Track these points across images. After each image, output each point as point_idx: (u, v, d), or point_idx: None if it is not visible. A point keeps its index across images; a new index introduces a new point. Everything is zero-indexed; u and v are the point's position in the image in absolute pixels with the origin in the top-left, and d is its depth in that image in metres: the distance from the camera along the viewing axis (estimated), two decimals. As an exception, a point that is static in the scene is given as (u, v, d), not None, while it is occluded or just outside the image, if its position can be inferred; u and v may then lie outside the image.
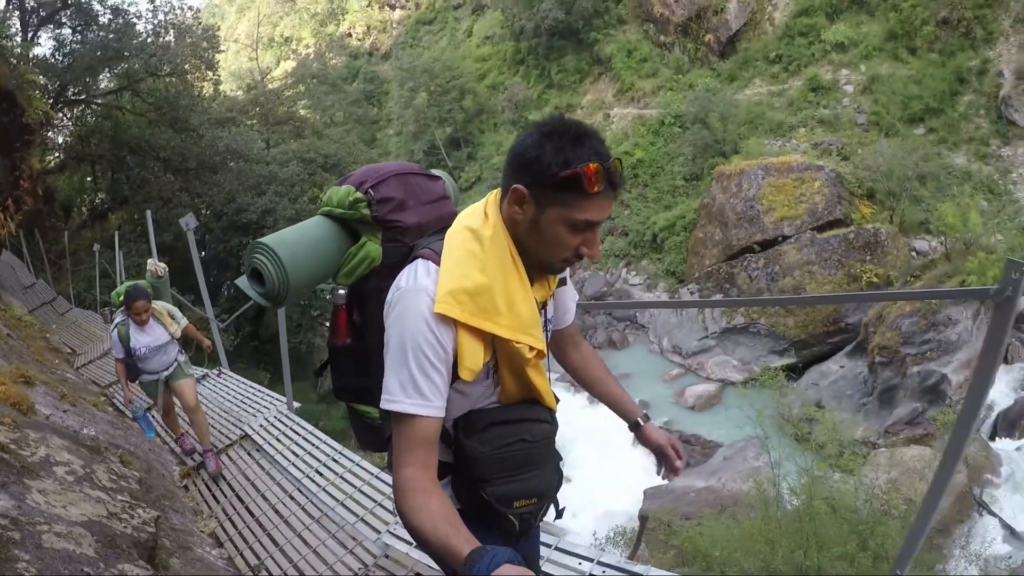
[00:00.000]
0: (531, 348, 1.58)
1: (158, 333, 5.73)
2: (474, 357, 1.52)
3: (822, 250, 19.17)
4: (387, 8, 55.75)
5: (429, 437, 1.51)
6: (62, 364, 7.91)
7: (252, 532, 4.67)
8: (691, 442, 16.35)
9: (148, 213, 11.42)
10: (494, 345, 1.57)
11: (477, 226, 1.60)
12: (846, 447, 12.29)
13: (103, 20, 20.94)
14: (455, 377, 1.53)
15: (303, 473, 5.17)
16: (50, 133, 21.76)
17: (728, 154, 24.97)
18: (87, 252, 19.55)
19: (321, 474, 5.09)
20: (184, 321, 6.03)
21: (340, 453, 5.32)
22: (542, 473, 1.71)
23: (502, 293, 1.54)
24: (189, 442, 6.24)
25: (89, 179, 25.46)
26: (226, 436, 6.25)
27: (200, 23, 24.59)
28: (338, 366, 1.94)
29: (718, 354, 20.16)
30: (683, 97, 28.83)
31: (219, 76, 26.59)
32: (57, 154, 23.59)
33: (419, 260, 1.60)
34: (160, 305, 5.90)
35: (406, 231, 1.87)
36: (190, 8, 24.22)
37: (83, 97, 22.07)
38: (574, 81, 36.62)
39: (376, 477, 4.79)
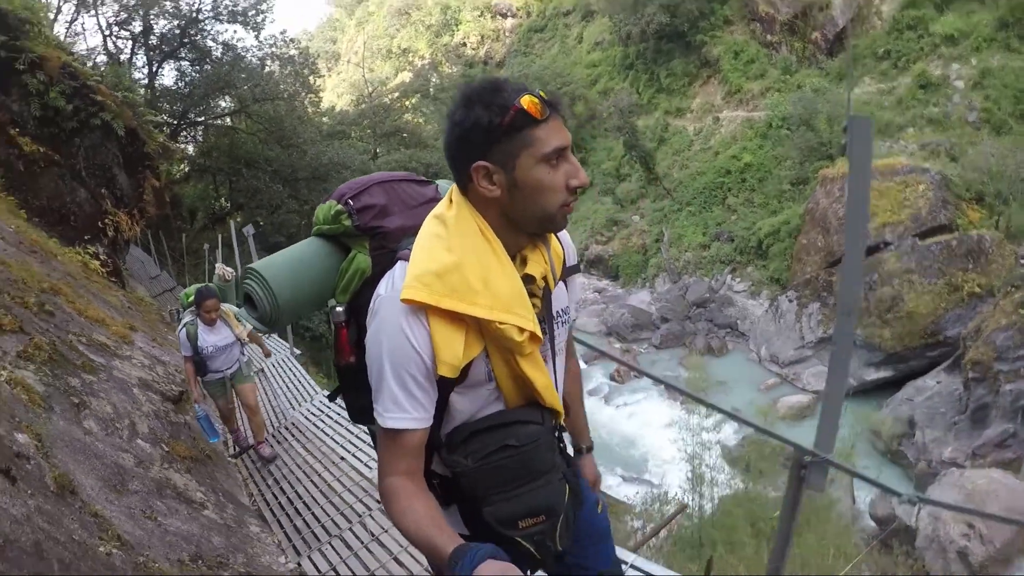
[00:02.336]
0: (520, 330, 1.49)
1: (225, 333, 6.11)
2: (451, 349, 1.45)
3: (923, 258, 18.47)
4: (499, 17, 56.68)
5: (413, 447, 1.50)
6: (168, 331, 9.33)
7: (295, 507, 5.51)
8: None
9: (232, 224, 12.89)
10: (484, 337, 1.50)
11: (440, 212, 1.58)
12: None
13: (216, 54, 24.74)
14: (449, 381, 1.49)
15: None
16: (182, 144, 26.26)
17: (835, 157, 24.22)
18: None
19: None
20: (250, 325, 6.28)
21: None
22: (545, 484, 1.56)
23: (474, 270, 1.47)
24: (244, 437, 6.86)
25: (211, 188, 28.88)
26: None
27: (300, 52, 27.78)
28: (348, 387, 1.88)
29: (815, 364, 19.80)
30: (790, 99, 28.17)
31: (320, 97, 29.96)
32: (184, 166, 27.28)
33: (398, 262, 1.58)
34: (227, 307, 6.21)
35: (389, 235, 1.86)
36: (292, 40, 27.41)
37: (202, 119, 26.00)
38: (683, 85, 36.25)
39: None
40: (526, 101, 1.41)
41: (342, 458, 6.39)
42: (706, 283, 27.39)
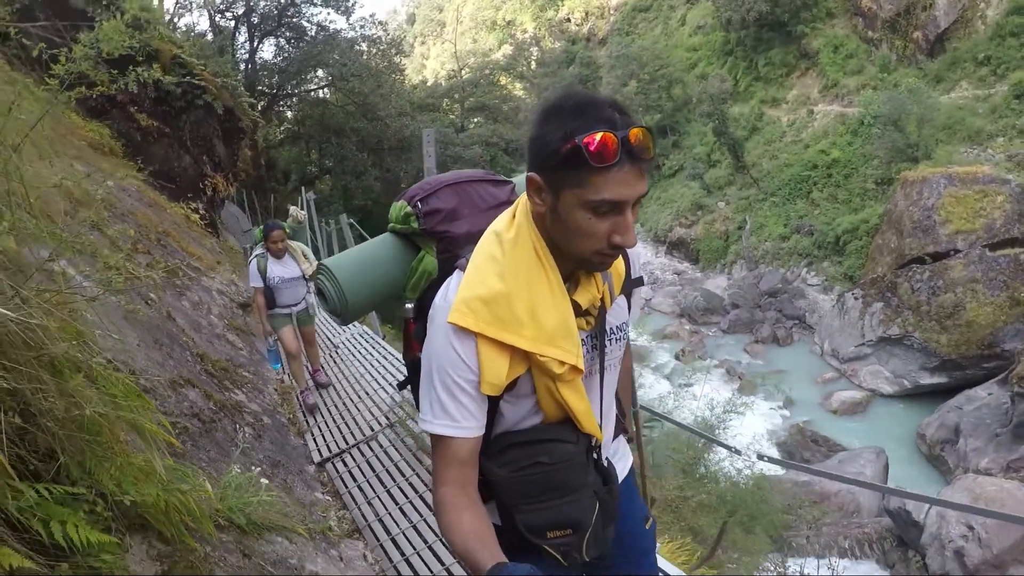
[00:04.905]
0: (561, 363, 1.46)
1: (292, 267, 6.36)
2: (495, 371, 1.44)
3: (989, 268, 18.61)
4: (605, -6, 57.01)
5: (464, 456, 1.48)
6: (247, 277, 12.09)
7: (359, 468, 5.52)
8: (818, 443, 17.04)
9: (303, 189, 14.89)
10: (528, 359, 1.47)
11: (501, 229, 1.53)
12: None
13: (311, 33, 27.36)
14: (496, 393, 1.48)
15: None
16: (280, 110, 30.29)
17: (920, 159, 24.18)
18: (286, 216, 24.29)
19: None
20: (316, 262, 6.46)
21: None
22: (574, 500, 1.54)
23: (523, 300, 1.44)
24: (312, 398, 6.84)
25: (304, 153, 31.57)
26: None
27: (388, 34, 31.01)
28: (416, 380, 1.75)
29: (872, 363, 20.24)
30: (882, 97, 27.78)
31: (404, 75, 33.19)
32: (280, 133, 30.52)
33: (455, 272, 1.56)
34: (296, 244, 6.50)
35: (455, 240, 1.87)
36: (380, 22, 30.75)
37: (297, 91, 28.90)
38: (780, 75, 36.36)
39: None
40: (593, 140, 1.29)
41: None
42: (780, 274, 27.90)
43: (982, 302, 18.38)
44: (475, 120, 34.50)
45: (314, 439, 6.14)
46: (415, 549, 4.13)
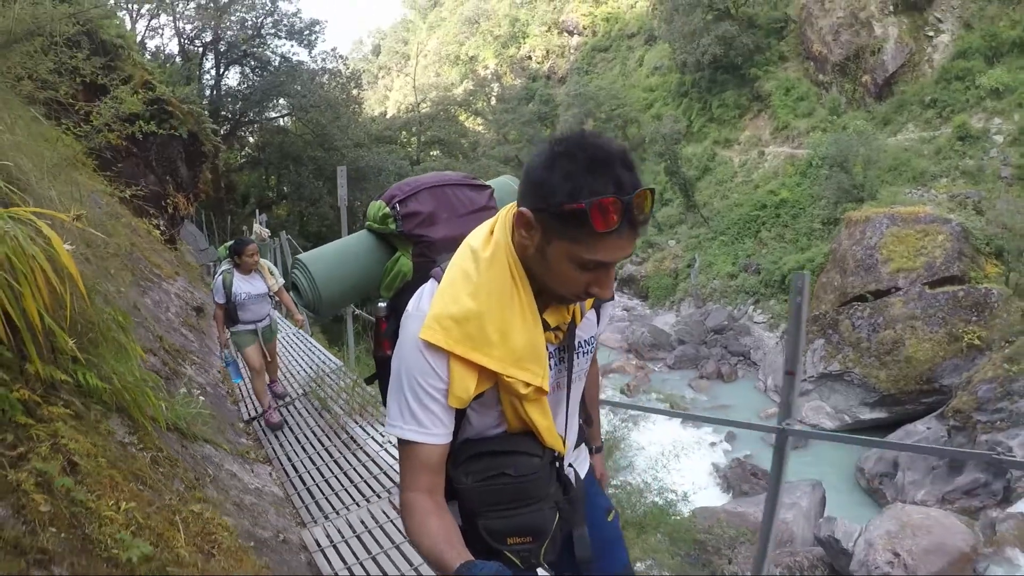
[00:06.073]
0: (527, 384, 1.49)
1: (258, 284, 6.41)
2: (464, 385, 1.45)
3: (928, 305, 18.65)
4: (565, 34, 57.66)
5: (431, 462, 1.49)
6: (202, 284, 12.24)
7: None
8: (758, 476, 16.69)
9: (256, 212, 15.51)
10: (496, 375, 1.49)
11: (478, 245, 1.52)
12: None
13: (275, 64, 28.80)
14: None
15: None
16: (247, 134, 31.49)
17: (865, 200, 24.45)
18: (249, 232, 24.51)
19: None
20: (282, 280, 6.67)
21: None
22: (536, 510, 1.58)
23: (495, 322, 1.45)
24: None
25: (263, 178, 32.34)
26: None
27: (348, 68, 32.98)
28: (383, 377, 1.86)
29: (814, 399, 20.07)
30: (829, 139, 28.29)
31: (361, 109, 34.40)
32: (241, 157, 31.43)
33: (430, 280, 1.58)
34: (263, 262, 6.54)
35: (432, 245, 1.87)
36: (341, 56, 32.67)
37: (260, 119, 29.79)
38: (733, 116, 36.83)
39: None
40: (601, 206, 1.26)
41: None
42: (727, 311, 27.82)
43: (921, 338, 18.36)
44: (432, 154, 34.87)
45: (245, 405, 7.36)
46: (313, 467, 5.84)
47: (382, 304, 1.90)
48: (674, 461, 13.88)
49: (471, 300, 1.44)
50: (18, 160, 3.43)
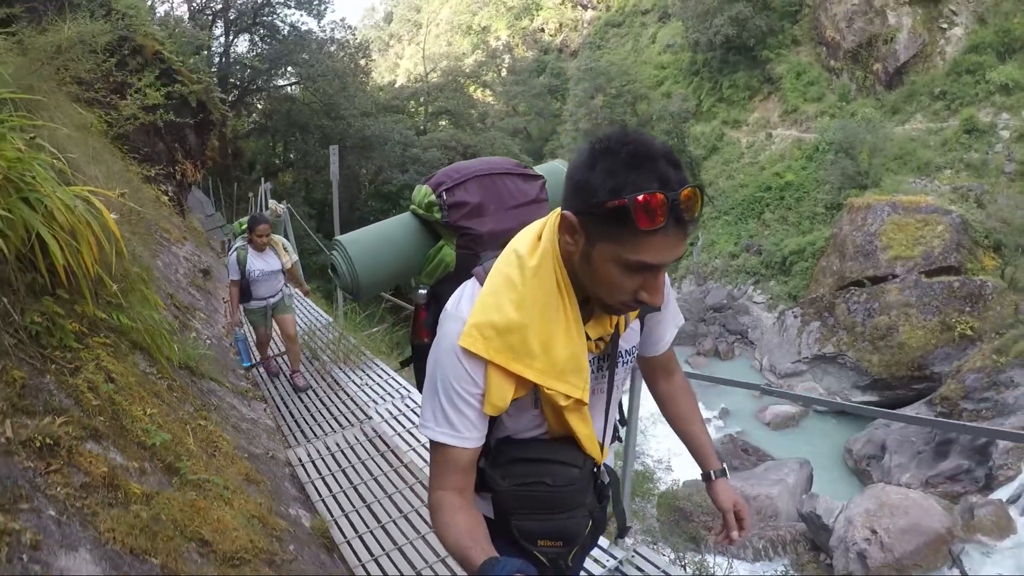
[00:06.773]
0: (567, 396, 1.46)
1: (272, 260, 6.40)
2: (501, 394, 1.42)
3: (924, 294, 18.99)
4: (580, 8, 57.26)
5: (462, 464, 1.48)
6: (207, 248, 12.88)
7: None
8: (749, 452, 17.17)
9: (262, 179, 16.67)
10: (535, 385, 1.46)
11: (524, 252, 1.46)
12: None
13: (284, 33, 28.82)
14: None
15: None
16: (254, 101, 31.49)
17: (869, 187, 24.74)
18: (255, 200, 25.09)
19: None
20: (295, 256, 6.73)
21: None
22: (569, 517, 1.58)
23: (538, 333, 1.41)
24: (275, 365, 7.09)
25: (270, 145, 32.46)
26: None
27: (356, 38, 33.02)
28: (419, 362, 1.86)
29: (808, 379, 20.49)
30: (837, 124, 28.43)
31: (368, 79, 34.56)
32: (249, 124, 31.46)
33: (471, 279, 1.54)
34: (276, 238, 6.54)
35: (477, 239, 1.83)
36: (349, 27, 32.80)
37: (268, 87, 30.22)
38: (743, 97, 36.66)
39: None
40: (644, 202, 1.19)
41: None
42: (727, 290, 28.21)
43: (915, 326, 18.75)
44: (440, 124, 35.06)
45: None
46: (301, 404, 6.58)
47: (422, 291, 1.88)
48: (662, 426, 13.93)
49: (515, 310, 1.40)
50: (72, 149, 4.14)
